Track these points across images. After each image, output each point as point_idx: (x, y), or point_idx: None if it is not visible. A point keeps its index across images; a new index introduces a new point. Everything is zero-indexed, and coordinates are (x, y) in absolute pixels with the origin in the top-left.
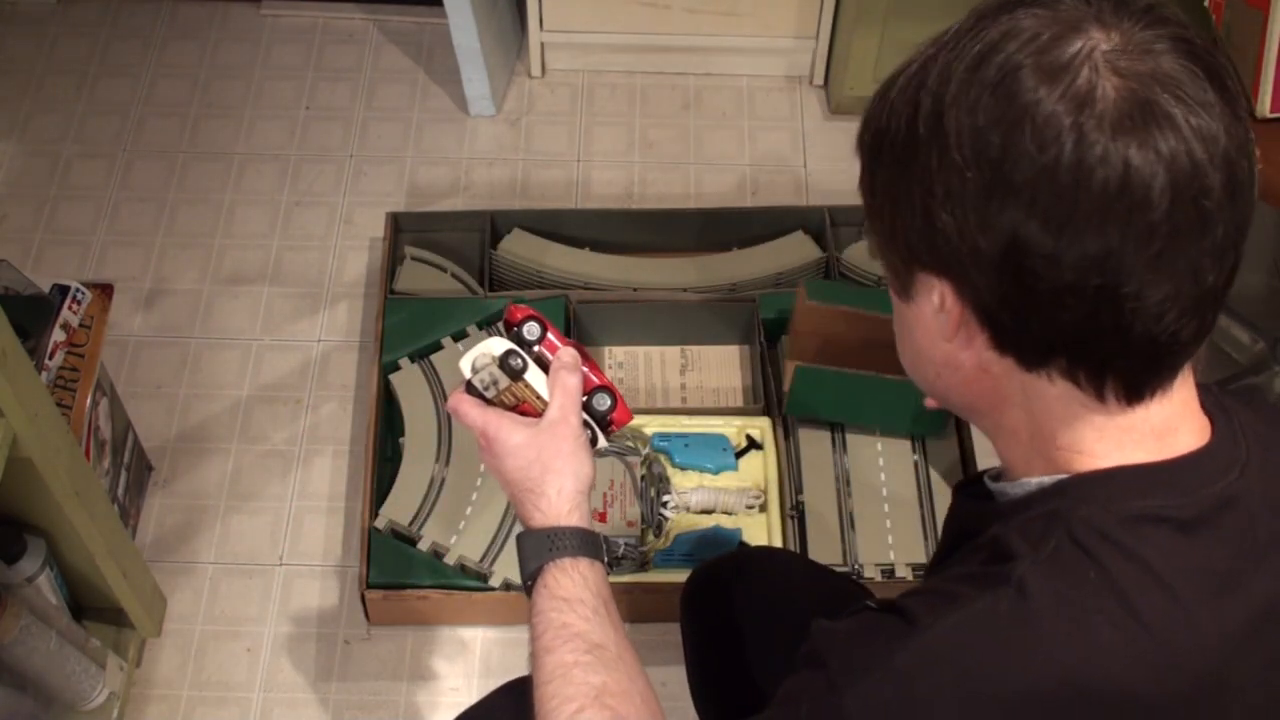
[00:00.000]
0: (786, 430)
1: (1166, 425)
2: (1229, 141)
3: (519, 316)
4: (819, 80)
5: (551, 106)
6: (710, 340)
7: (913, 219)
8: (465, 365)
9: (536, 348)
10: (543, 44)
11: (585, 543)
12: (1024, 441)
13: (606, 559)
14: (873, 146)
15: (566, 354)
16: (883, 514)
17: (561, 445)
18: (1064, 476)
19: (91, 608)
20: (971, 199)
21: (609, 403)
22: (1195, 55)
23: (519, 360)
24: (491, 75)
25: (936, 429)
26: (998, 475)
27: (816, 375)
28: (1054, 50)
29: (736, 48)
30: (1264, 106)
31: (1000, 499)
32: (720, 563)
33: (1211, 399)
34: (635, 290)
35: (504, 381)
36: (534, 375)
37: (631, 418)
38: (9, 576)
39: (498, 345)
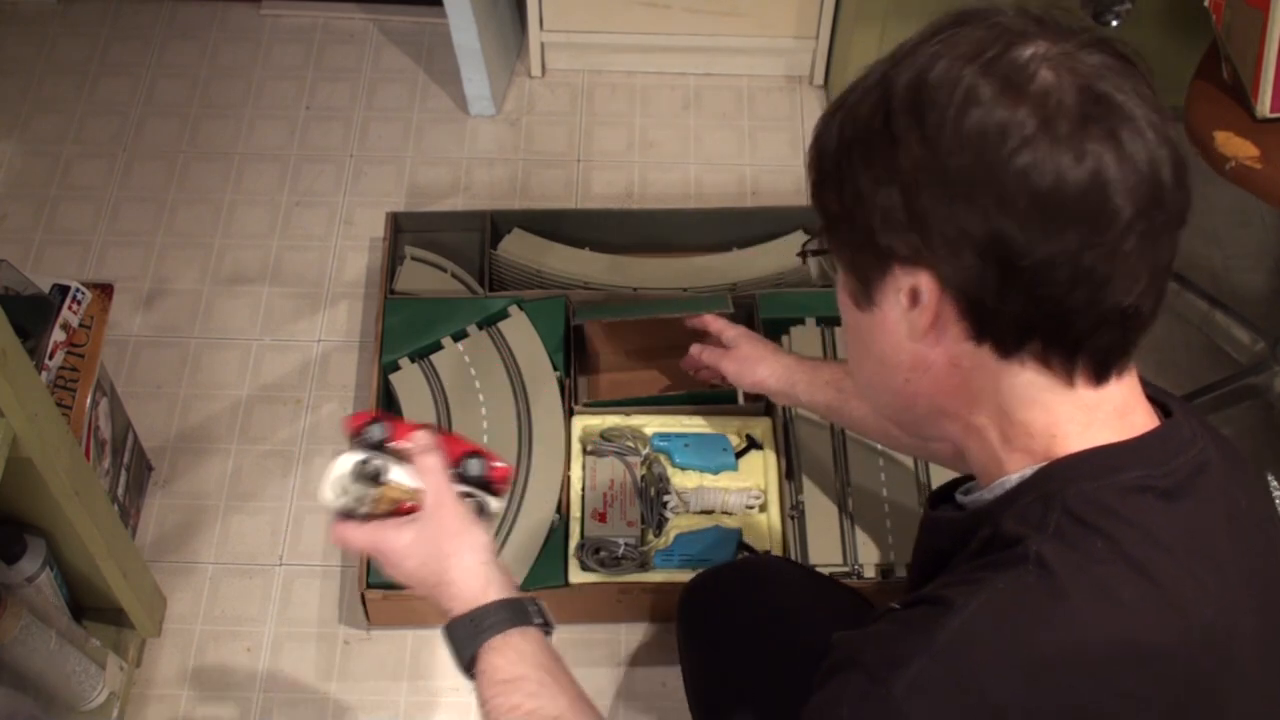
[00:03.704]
0: (786, 430)
1: (1125, 405)
2: (1169, 129)
3: (359, 423)
4: (819, 80)
5: (551, 106)
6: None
7: (894, 209)
8: (326, 496)
9: (390, 444)
10: (543, 44)
11: (511, 614)
12: (994, 441)
13: (540, 618)
14: (840, 151)
15: (419, 437)
16: (883, 514)
17: (447, 526)
18: (1044, 464)
19: (91, 608)
20: (955, 186)
21: (479, 466)
22: (1121, 55)
23: (375, 464)
24: (491, 75)
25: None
26: (969, 489)
27: None
28: (1008, 55)
29: (736, 48)
30: (1264, 106)
31: (978, 506)
32: (718, 572)
33: (1151, 389)
34: (635, 290)
35: (371, 492)
36: (398, 473)
37: (510, 470)
38: (9, 576)
39: (347, 461)
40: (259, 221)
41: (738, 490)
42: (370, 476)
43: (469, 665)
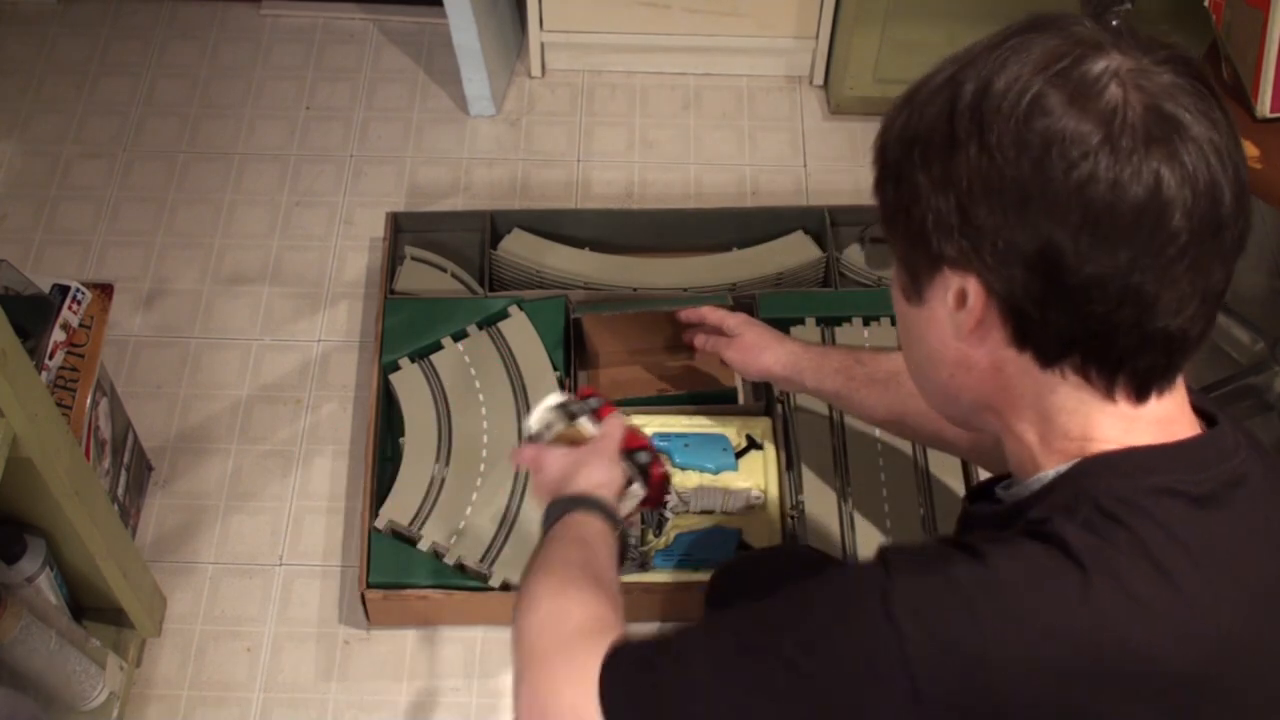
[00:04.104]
0: (786, 430)
1: (1168, 417)
2: (1235, 152)
3: (585, 392)
4: (819, 80)
5: (551, 106)
6: None
7: (946, 214)
8: (530, 418)
9: (596, 411)
10: (543, 44)
11: (603, 508)
12: (1034, 442)
13: (613, 519)
14: (903, 146)
15: (616, 415)
16: (883, 514)
17: (591, 459)
18: (1080, 460)
19: (91, 608)
20: (1010, 198)
21: (645, 458)
22: (1197, 76)
23: (574, 408)
24: (491, 75)
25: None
26: (1009, 485)
27: None
28: (1080, 67)
29: (736, 48)
30: (1264, 106)
31: (1016, 499)
32: (750, 556)
33: (1197, 399)
34: (635, 290)
35: (559, 425)
36: (585, 421)
37: (667, 471)
38: (9, 576)
39: (555, 398)
40: (259, 221)
41: (738, 490)
42: (568, 415)
43: (548, 524)
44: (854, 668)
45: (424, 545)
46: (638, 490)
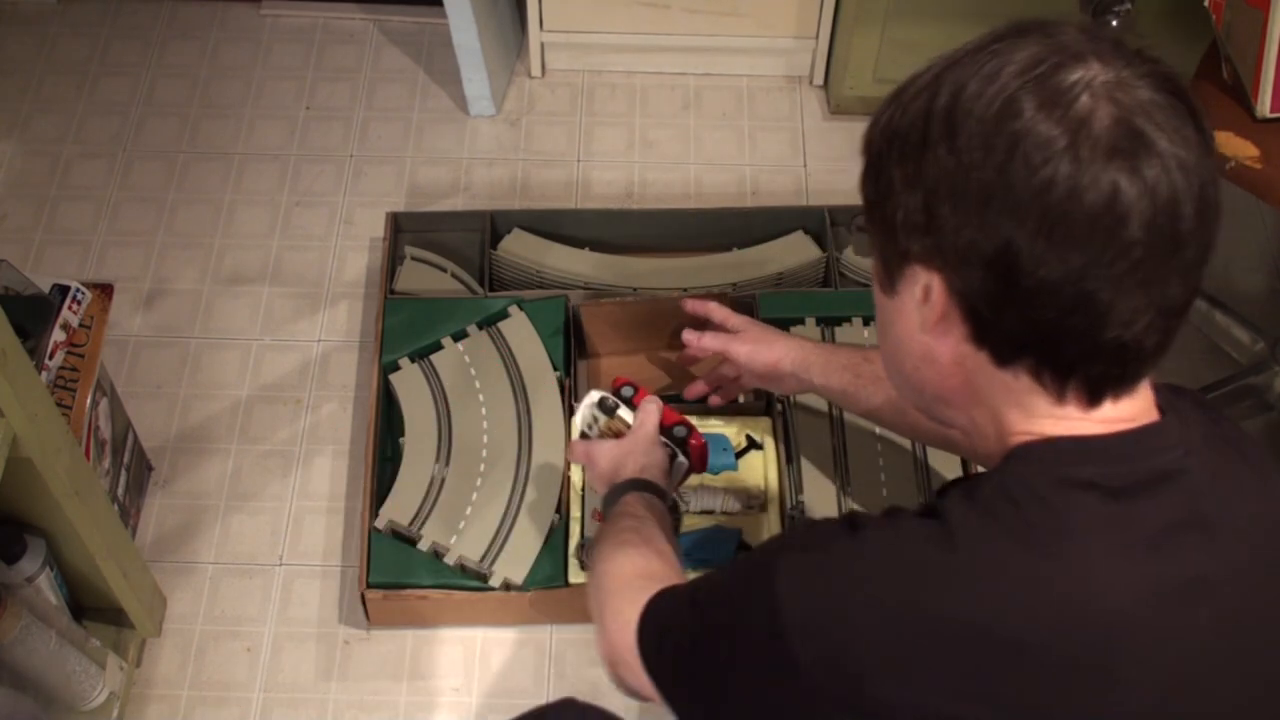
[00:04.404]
0: (786, 430)
1: (1118, 418)
2: (1203, 171)
3: (618, 383)
4: (819, 80)
5: (551, 106)
6: None
7: (914, 211)
8: (576, 419)
9: (631, 400)
10: (543, 44)
11: (651, 487)
12: (990, 436)
13: (667, 500)
14: (883, 142)
15: (650, 399)
16: None
17: (641, 443)
18: (1010, 449)
19: (91, 608)
20: (973, 199)
21: (684, 431)
22: (1176, 93)
23: (610, 403)
24: (491, 75)
25: None
26: None
27: None
28: (1057, 75)
29: (736, 48)
30: (1264, 106)
31: None
32: None
33: (1164, 396)
34: (635, 290)
35: (602, 420)
36: (624, 412)
37: (704, 444)
38: (9, 576)
39: (595, 395)
40: (259, 221)
41: (738, 490)
42: (607, 410)
43: (606, 507)
44: (748, 636)
45: (424, 545)
46: (682, 462)
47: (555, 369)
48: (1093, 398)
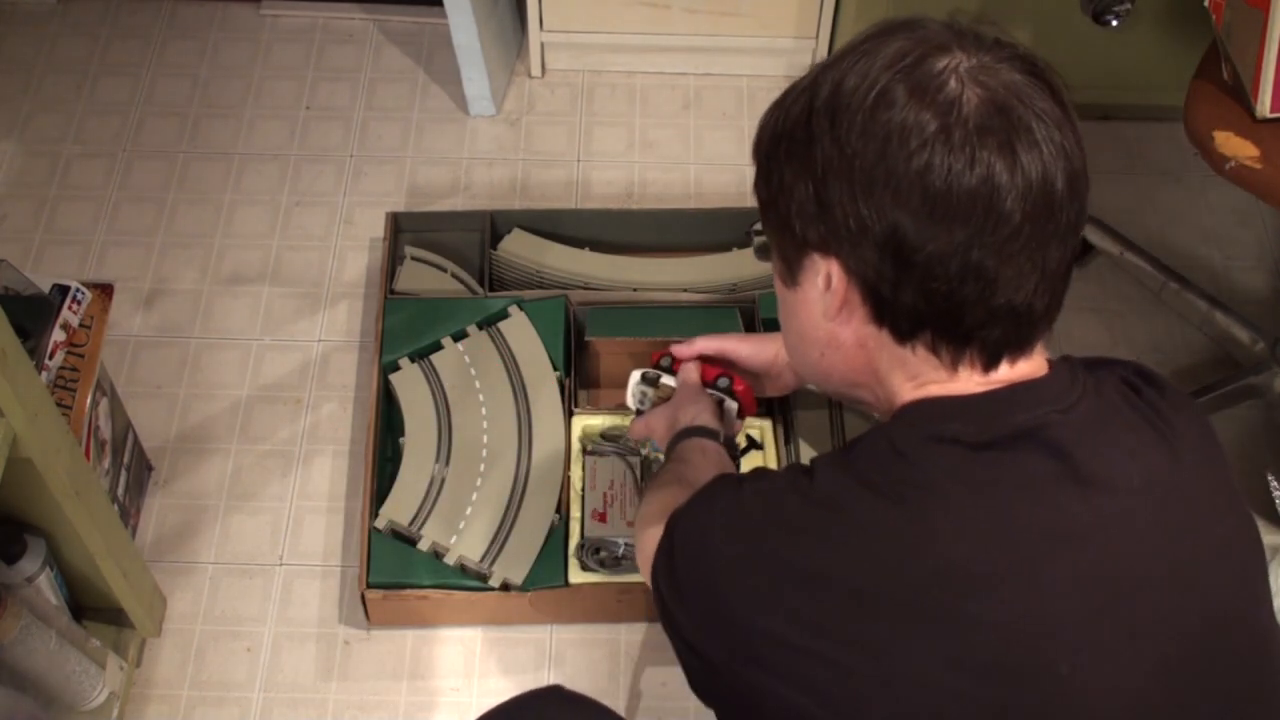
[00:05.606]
0: (787, 430)
1: (1001, 379)
2: (1068, 143)
3: (656, 356)
4: None
5: (551, 106)
6: None
7: (806, 201)
8: (629, 400)
9: (670, 368)
10: (543, 44)
11: (702, 430)
12: (891, 407)
13: (718, 440)
14: (771, 144)
15: (688, 364)
16: None
17: (686, 397)
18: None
19: (91, 608)
20: (859, 185)
21: (727, 381)
22: (1036, 72)
23: (652, 374)
24: (491, 75)
25: None
26: None
27: None
28: (924, 65)
29: (736, 48)
30: (1264, 106)
31: None
32: None
33: (1071, 363)
34: (635, 290)
35: (650, 391)
36: (666, 378)
37: (749, 385)
38: (9, 576)
39: (637, 374)
40: (259, 221)
41: None
42: (651, 381)
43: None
44: (665, 580)
45: (424, 545)
46: (731, 405)
47: (555, 369)
48: (990, 363)
